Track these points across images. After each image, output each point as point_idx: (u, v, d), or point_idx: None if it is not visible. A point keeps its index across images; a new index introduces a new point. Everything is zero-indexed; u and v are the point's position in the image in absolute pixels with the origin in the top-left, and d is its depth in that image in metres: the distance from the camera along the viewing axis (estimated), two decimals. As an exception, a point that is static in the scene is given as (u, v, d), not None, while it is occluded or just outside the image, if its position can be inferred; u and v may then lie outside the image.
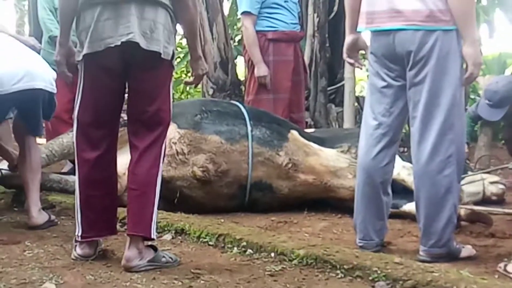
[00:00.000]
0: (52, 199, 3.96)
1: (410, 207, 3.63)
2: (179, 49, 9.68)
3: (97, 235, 2.90)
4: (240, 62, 8.53)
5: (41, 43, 4.82)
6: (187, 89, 10.07)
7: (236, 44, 8.99)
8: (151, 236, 2.76)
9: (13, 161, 3.79)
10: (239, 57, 8.36)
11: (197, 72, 2.99)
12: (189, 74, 2.82)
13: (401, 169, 3.91)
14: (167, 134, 2.89)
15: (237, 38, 9.47)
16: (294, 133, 4.23)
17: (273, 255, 2.90)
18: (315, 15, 6.86)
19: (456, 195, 2.95)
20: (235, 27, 9.70)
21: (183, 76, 10.08)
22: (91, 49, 2.70)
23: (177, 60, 9.11)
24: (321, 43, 6.91)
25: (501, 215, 3.84)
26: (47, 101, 3.58)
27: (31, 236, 3.30)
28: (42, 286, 2.50)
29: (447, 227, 2.92)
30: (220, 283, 2.59)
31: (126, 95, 2.89)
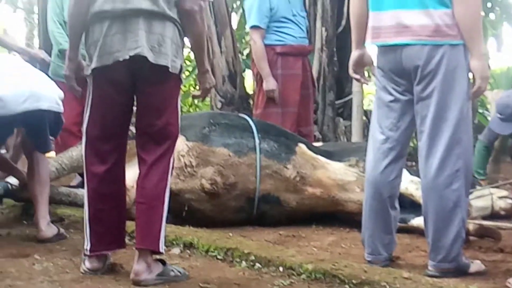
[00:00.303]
0: (61, 212, 3.96)
1: (418, 221, 3.61)
2: (187, 63, 9.71)
3: (106, 249, 2.90)
4: (248, 75, 8.55)
5: (50, 56, 4.86)
6: (196, 102, 10.09)
7: (244, 57, 9.01)
8: (160, 249, 2.76)
9: (24, 180, 3.76)
10: (247, 70, 8.38)
11: (204, 85, 3.01)
12: (197, 87, 2.82)
13: (409, 183, 3.90)
14: (175, 147, 2.90)
15: (246, 51, 9.50)
16: (301, 146, 4.23)
17: (281, 269, 2.90)
18: (323, 29, 6.86)
19: (464, 209, 2.94)
20: (243, 41, 9.72)
21: (191, 89, 10.10)
22: (100, 63, 2.72)
23: (185, 73, 9.16)
24: (329, 57, 6.90)
25: (510, 230, 3.81)
26: (54, 120, 3.58)
27: (40, 249, 3.30)
28: (50, 299, 2.51)
29: (456, 242, 2.91)
30: (228, 297, 2.59)
31: (134, 108, 2.90)
